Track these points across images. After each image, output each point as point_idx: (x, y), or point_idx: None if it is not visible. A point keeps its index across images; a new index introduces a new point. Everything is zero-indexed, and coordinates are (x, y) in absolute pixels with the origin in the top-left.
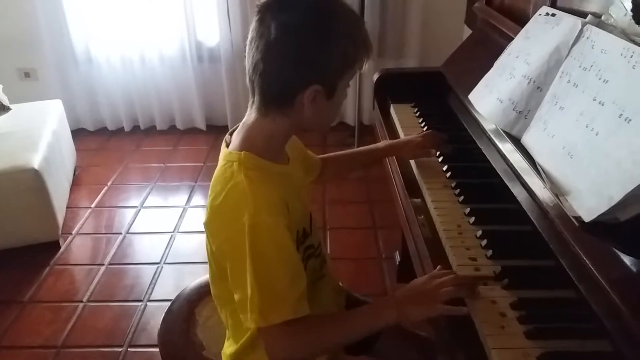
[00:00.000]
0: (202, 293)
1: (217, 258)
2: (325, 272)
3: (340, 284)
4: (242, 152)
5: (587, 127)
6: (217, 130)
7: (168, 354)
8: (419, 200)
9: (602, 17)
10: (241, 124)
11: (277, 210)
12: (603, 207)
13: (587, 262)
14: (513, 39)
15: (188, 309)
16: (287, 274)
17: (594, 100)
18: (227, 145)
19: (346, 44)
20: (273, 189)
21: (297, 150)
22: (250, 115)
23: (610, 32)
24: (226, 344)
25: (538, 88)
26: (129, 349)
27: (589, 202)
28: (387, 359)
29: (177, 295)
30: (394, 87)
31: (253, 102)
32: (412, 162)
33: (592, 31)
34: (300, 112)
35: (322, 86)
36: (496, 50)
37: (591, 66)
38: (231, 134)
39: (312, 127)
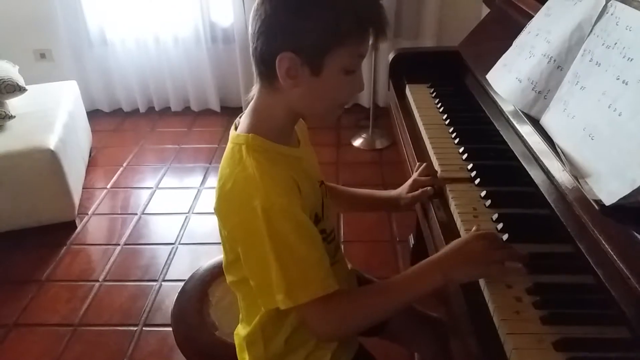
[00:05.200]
0: (215, 274)
1: (230, 242)
2: (339, 258)
3: (350, 266)
4: (250, 135)
5: (609, 107)
6: (231, 112)
7: (181, 334)
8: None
9: None
10: (249, 105)
11: (288, 190)
12: (625, 190)
13: (607, 247)
14: (533, 16)
15: (201, 289)
16: (309, 252)
17: (618, 79)
18: (236, 128)
19: (330, 15)
20: (282, 170)
21: (310, 146)
22: (253, 90)
23: (636, 8)
24: (240, 325)
25: (558, 67)
26: (144, 328)
27: (610, 185)
28: (399, 340)
29: (190, 276)
30: (409, 68)
31: None
32: (427, 144)
33: (617, 7)
34: (285, 87)
35: (298, 56)
36: (515, 29)
37: (615, 44)
38: (240, 117)
39: (307, 113)
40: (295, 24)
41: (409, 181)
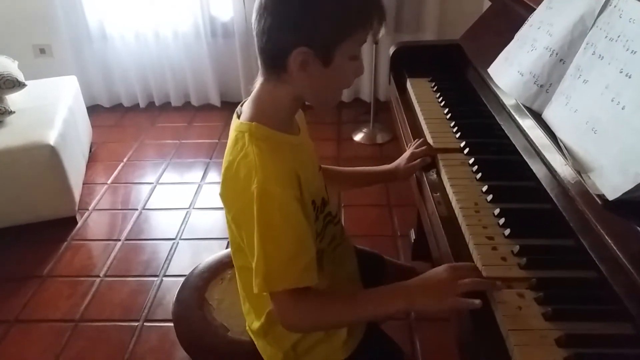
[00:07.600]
0: (206, 278)
1: (235, 226)
2: (344, 238)
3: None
4: (253, 123)
5: (612, 100)
6: (231, 107)
7: (190, 343)
8: (435, 177)
9: None
10: (251, 94)
11: (286, 181)
12: (628, 185)
13: (610, 241)
14: (535, 9)
15: (198, 296)
16: (293, 244)
17: (621, 72)
18: (239, 117)
19: (336, 7)
20: (283, 160)
21: (307, 134)
22: (256, 82)
23: None
24: (249, 318)
25: (561, 60)
26: (145, 324)
27: (613, 179)
28: None
29: (181, 285)
30: (410, 61)
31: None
32: (428, 138)
33: None
34: (296, 79)
35: (312, 49)
36: (517, 22)
37: (618, 37)
38: (242, 106)
39: (313, 101)
40: (308, 20)
41: (406, 154)
